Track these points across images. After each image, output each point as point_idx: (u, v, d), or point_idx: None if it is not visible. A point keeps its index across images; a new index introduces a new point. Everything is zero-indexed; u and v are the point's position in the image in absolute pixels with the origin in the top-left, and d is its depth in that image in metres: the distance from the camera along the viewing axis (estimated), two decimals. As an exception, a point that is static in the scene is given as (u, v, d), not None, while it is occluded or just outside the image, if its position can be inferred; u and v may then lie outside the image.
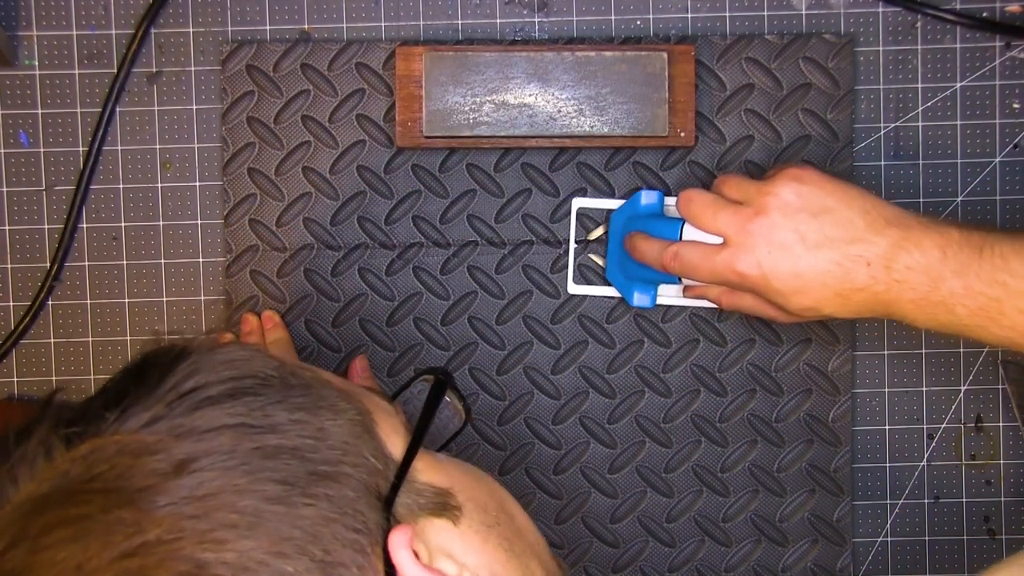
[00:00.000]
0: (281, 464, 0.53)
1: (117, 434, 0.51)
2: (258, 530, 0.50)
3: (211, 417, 0.53)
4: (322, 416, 0.56)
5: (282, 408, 0.55)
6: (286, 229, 0.96)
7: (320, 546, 0.52)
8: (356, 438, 0.57)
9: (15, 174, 0.96)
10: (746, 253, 0.79)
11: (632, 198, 0.93)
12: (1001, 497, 0.97)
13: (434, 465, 0.62)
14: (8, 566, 0.49)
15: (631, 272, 0.92)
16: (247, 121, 0.95)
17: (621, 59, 0.94)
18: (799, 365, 0.96)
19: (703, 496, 0.96)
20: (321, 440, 0.55)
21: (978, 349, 0.97)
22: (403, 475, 0.58)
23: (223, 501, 0.50)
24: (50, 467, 0.50)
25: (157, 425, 0.52)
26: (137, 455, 0.50)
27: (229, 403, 0.53)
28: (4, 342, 0.96)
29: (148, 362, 0.56)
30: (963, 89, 0.97)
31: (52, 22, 0.96)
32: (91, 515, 0.49)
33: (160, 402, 0.53)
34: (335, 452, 0.55)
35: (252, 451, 0.52)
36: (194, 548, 0.49)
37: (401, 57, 0.94)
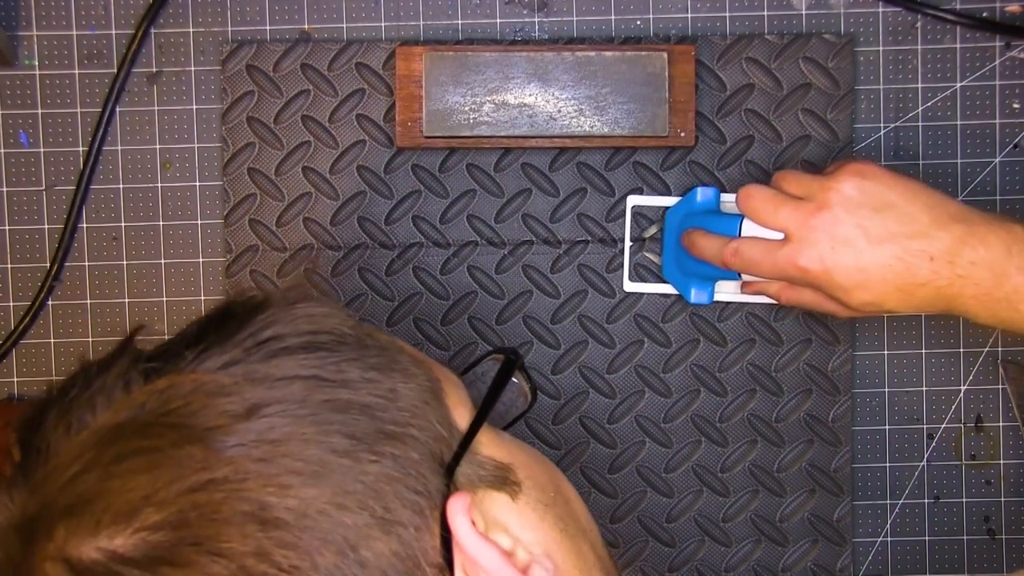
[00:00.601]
0: (350, 419, 0.53)
1: (194, 373, 0.52)
2: (322, 480, 0.51)
3: (285, 366, 0.54)
4: (394, 378, 0.57)
5: (356, 366, 0.56)
6: (286, 229, 0.96)
7: (381, 503, 0.53)
8: (425, 403, 0.57)
9: (15, 174, 0.96)
10: (808, 248, 0.80)
11: (687, 195, 0.93)
12: (1001, 497, 0.97)
13: (497, 441, 0.62)
14: (81, 488, 0.50)
15: (688, 269, 0.92)
16: (247, 121, 0.95)
17: (621, 59, 0.94)
18: (799, 365, 0.96)
19: (703, 496, 0.96)
20: (391, 400, 0.56)
21: (978, 349, 0.97)
22: (467, 445, 0.59)
23: (290, 448, 0.51)
24: (127, 399, 0.52)
25: (233, 368, 0.53)
26: (211, 395, 0.51)
27: (304, 355, 0.54)
28: (4, 342, 0.96)
29: (229, 310, 0.57)
30: (963, 89, 0.97)
31: (52, 22, 0.96)
32: (162, 448, 0.50)
33: (238, 347, 0.54)
34: (404, 414, 0.56)
35: (323, 403, 0.53)
36: (259, 490, 0.50)
37: (401, 57, 0.94)
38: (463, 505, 0.55)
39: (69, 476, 0.51)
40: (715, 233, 0.87)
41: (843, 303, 0.81)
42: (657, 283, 0.96)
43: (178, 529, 0.49)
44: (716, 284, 0.93)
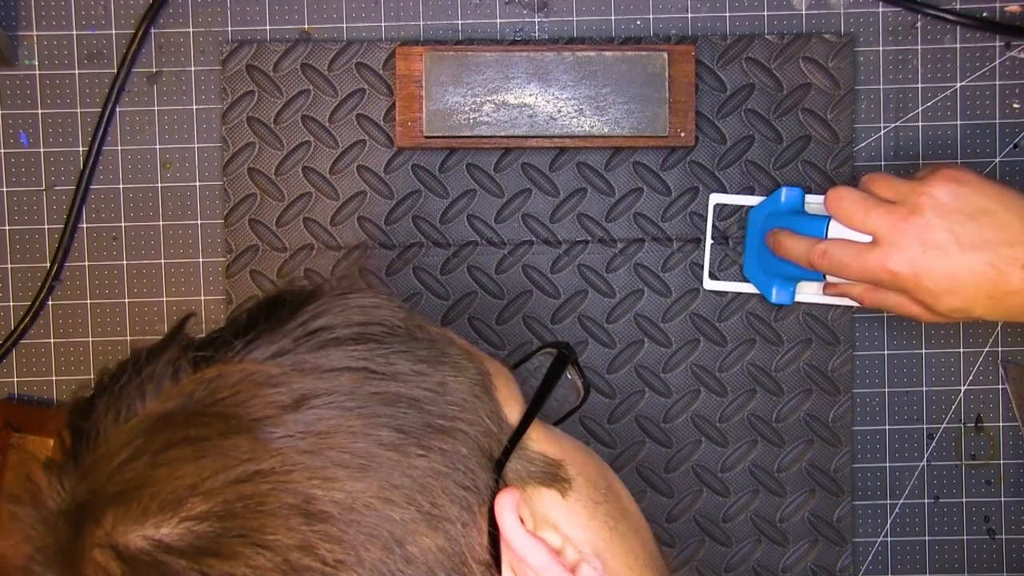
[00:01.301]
0: (399, 412, 0.53)
1: (242, 362, 0.52)
2: (369, 473, 0.51)
3: (335, 357, 0.53)
4: (444, 371, 0.56)
5: (406, 358, 0.55)
6: (286, 229, 0.96)
7: (428, 498, 0.52)
8: (475, 397, 0.57)
9: (15, 174, 0.96)
10: (899, 252, 0.80)
11: (772, 195, 0.93)
12: (1001, 497, 0.97)
13: (548, 436, 0.61)
14: (129, 475, 0.50)
15: (771, 268, 0.92)
16: (247, 121, 0.95)
17: (621, 59, 0.94)
18: (799, 365, 0.96)
19: (703, 496, 0.96)
20: (440, 394, 0.55)
21: (978, 349, 0.97)
22: (517, 440, 0.58)
23: (337, 441, 0.51)
24: (176, 387, 0.52)
25: (281, 358, 0.53)
26: (259, 385, 0.51)
27: (353, 346, 0.54)
28: (4, 342, 0.96)
29: (280, 299, 0.57)
30: (963, 89, 0.97)
31: (52, 22, 0.96)
32: (210, 438, 0.50)
33: (287, 337, 0.54)
34: (453, 408, 0.55)
35: (371, 395, 0.53)
36: (305, 482, 0.50)
37: (401, 57, 0.94)
38: (512, 502, 0.55)
39: (118, 463, 0.51)
40: (801, 234, 0.87)
41: (930, 308, 0.81)
42: (737, 282, 0.96)
43: (224, 520, 0.49)
44: (798, 285, 0.93)
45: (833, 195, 0.84)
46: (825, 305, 0.96)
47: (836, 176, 0.95)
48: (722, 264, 0.96)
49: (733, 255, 0.96)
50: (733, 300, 0.96)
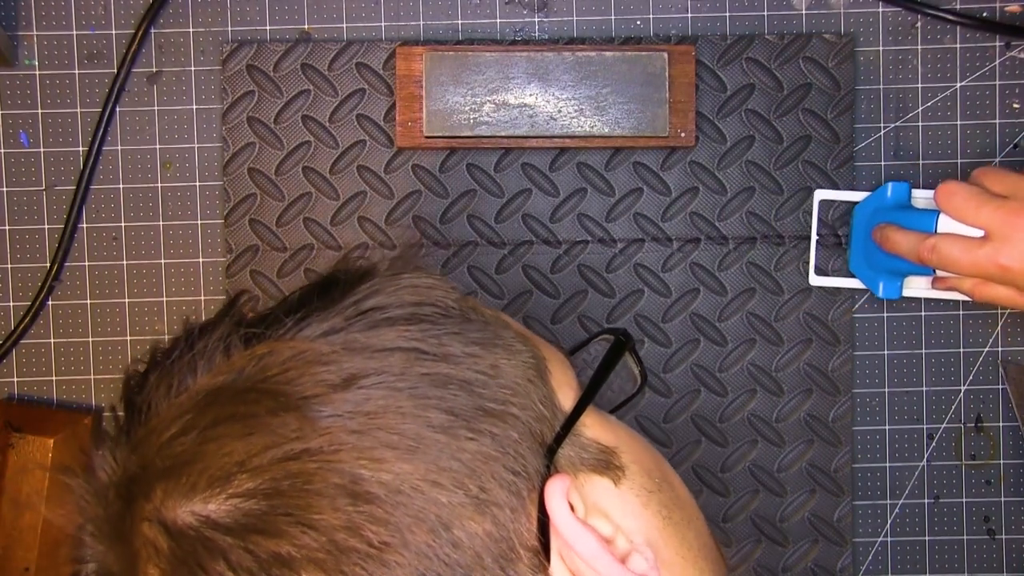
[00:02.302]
0: (449, 394, 0.52)
1: (293, 340, 0.52)
2: (418, 455, 0.50)
3: (386, 337, 0.53)
4: (496, 353, 0.55)
5: (458, 340, 0.55)
6: (286, 229, 0.96)
7: (477, 482, 0.51)
8: (528, 381, 0.56)
9: (15, 174, 0.96)
10: (1011, 247, 0.80)
11: (878, 190, 0.94)
12: (1001, 497, 0.97)
13: (602, 423, 0.60)
14: (178, 450, 0.50)
15: (878, 263, 0.93)
16: (247, 121, 0.95)
17: (621, 59, 0.94)
18: (799, 365, 0.96)
19: (703, 496, 0.96)
20: (492, 377, 0.54)
21: (978, 349, 0.97)
22: (570, 426, 0.57)
23: (386, 421, 0.51)
24: (227, 363, 0.52)
25: (332, 337, 0.52)
26: (309, 363, 0.51)
27: (405, 326, 0.54)
28: (4, 342, 0.96)
29: (333, 278, 0.56)
30: (963, 89, 0.97)
31: (52, 22, 0.96)
32: (258, 415, 0.50)
33: (339, 315, 0.53)
34: (505, 391, 0.54)
35: (422, 376, 0.52)
36: (352, 463, 0.49)
37: (401, 57, 0.94)
38: (562, 488, 0.53)
39: (167, 437, 0.51)
40: (909, 229, 0.87)
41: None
42: (843, 277, 0.96)
43: (270, 498, 0.49)
44: (906, 279, 0.94)
45: (944, 190, 0.84)
46: (825, 304, 0.96)
47: (837, 176, 0.95)
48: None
49: (834, 252, 0.96)
50: (733, 300, 0.96)
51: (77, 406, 0.97)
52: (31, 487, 0.93)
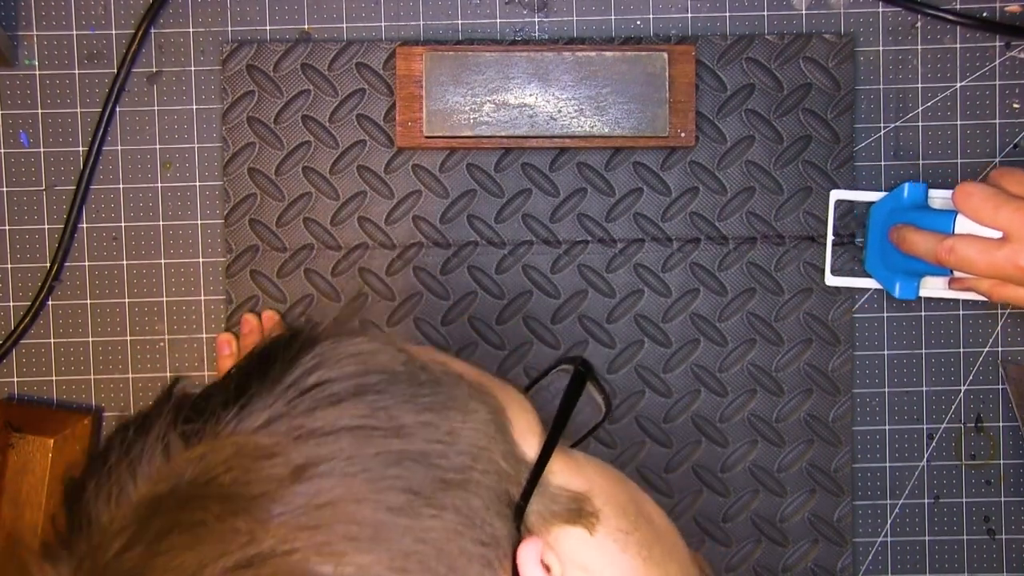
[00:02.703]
0: (406, 471, 0.49)
1: (234, 434, 0.49)
2: (379, 543, 0.48)
3: (333, 418, 0.50)
4: (452, 417, 0.52)
5: (409, 409, 0.51)
6: (286, 229, 0.96)
7: (445, 562, 0.48)
8: (488, 439, 0.53)
9: (15, 174, 0.96)
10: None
11: (895, 190, 0.93)
12: (1001, 497, 0.97)
13: (570, 465, 0.57)
14: (127, 565, 0.48)
15: (894, 264, 0.92)
16: (247, 121, 0.95)
17: (621, 59, 0.94)
18: (799, 365, 0.96)
19: (703, 496, 0.96)
20: (450, 444, 0.51)
21: (978, 349, 0.97)
22: (537, 478, 0.54)
23: (342, 511, 0.47)
24: (168, 467, 0.49)
25: (275, 425, 0.49)
26: (254, 458, 0.48)
27: (352, 402, 0.50)
28: (4, 342, 0.96)
29: (272, 352, 0.53)
30: (963, 89, 0.97)
31: (52, 22, 0.96)
32: (206, 522, 0.47)
33: (280, 399, 0.50)
34: (464, 457, 0.51)
35: (375, 456, 0.49)
36: (310, 560, 0.46)
37: (401, 57, 0.94)
38: (535, 553, 0.51)
39: (114, 552, 0.48)
40: (926, 229, 0.87)
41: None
42: (860, 277, 0.96)
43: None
44: (922, 280, 0.94)
45: (962, 191, 0.84)
46: (825, 304, 0.96)
47: (836, 176, 0.95)
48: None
49: (851, 252, 0.96)
50: (733, 300, 0.96)
51: (77, 406, 0.97)
52: (31, 487, 0.93)
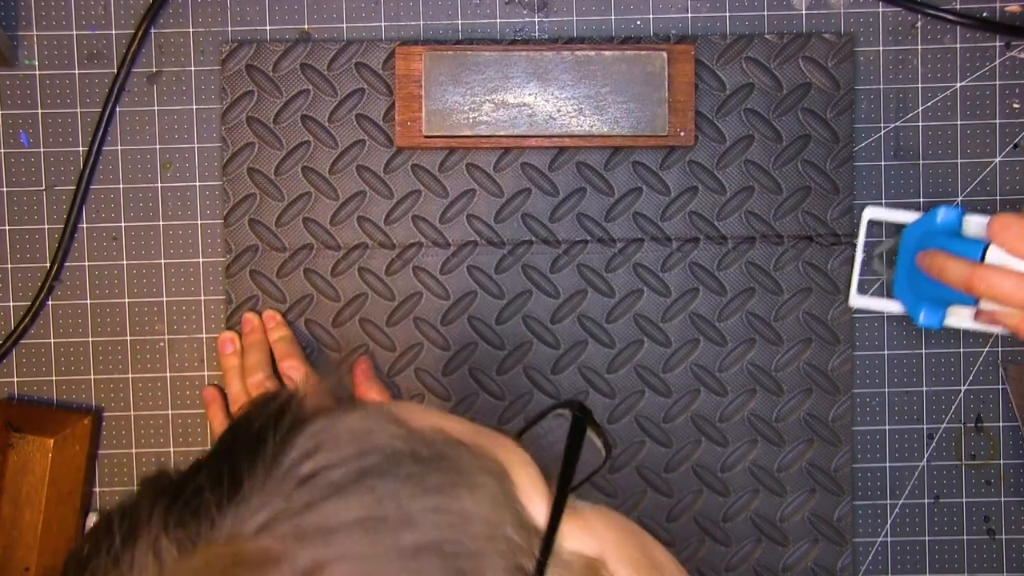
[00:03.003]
0: (419, 564, 0.46)
1: (233, 540, 0.45)
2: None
3: (337, 511, 0.46)
4: (460, 496, 0.49)
5: (416, 495, 0.48)
6: (286, 229, 0.96)
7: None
8: (498, 512, 0.49)
9: (15, 174, 0.96)
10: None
11: (928, 213, 0.91)
12: (1001, 497, 0.97)
13: (579, 524, 0.54)
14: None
15: (922, 290, 0.91)
16: (247, 121, 0.96)
17: (620, 59, 0.94)
18: (799, 365, 0.96)
19: (703, 496, 0.96)
20: (462, 529, 0.48)
21: (978, 349, 0.97)
22: (549, 548, 0.51)
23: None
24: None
25: (276, 526, 0.45)
26: (256, 565, 0.44)
27: (355, 490, 0.47)
28: (4, 342, 0.96)
29: (261, 430, 0.49)
30: (963, 89, 0.97)
31: (52, 22, 0.96)
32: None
33: (278, 493, 0.46)
34: (478, 541, 0.48)
35: (388, 551, 0.46)
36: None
37: (401, 57, 0.94)
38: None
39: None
40: (959, 256, 0.85)
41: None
42: (885, 299, 0.95)
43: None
44: (948, 308, 0.91)
45: (998, 223, 0.82)
46: (825, 303, 0.95)
47: (836, 176, 0.95)
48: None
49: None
50: (733, 300, 0.96)
51: (77, 406, 0.97)
52: (31, 487, 0.93)
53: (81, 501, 0.95)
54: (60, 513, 0.94)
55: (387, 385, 0.96)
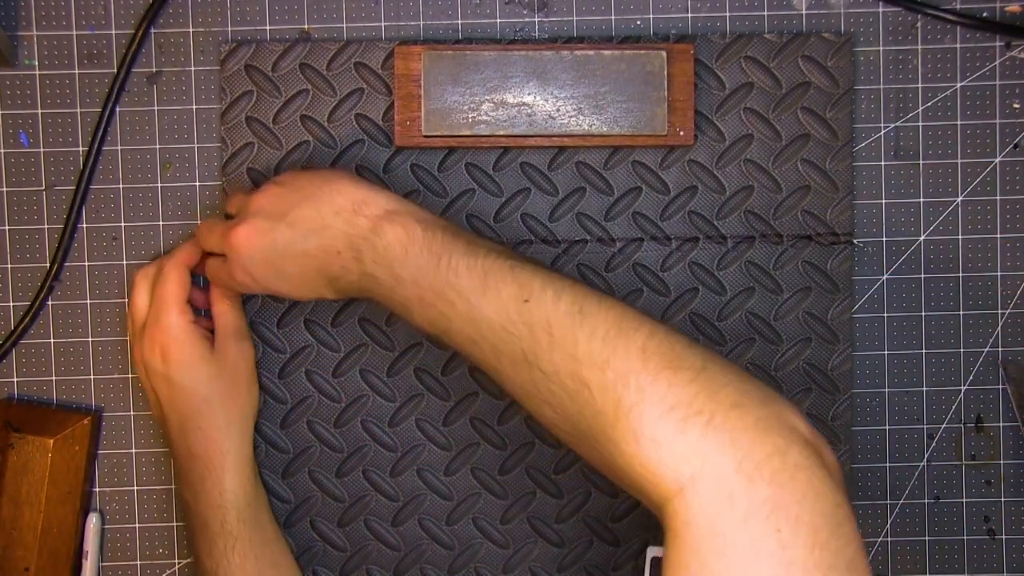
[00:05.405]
0: None
1: None
2: None
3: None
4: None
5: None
6: (285, 229, 0.96)
7: None
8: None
9: (15, 174, 0.96)
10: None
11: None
12: (1001, 497, 0.97)
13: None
14: None
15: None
16: (246, 121, 0.96)
17: (620, 58, 0.94)
18: (799, 364, 0.96)
19: (703, 496, 0.96)
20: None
21: (978, 349, 0.97)
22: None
23: None
24: None
25: None
26: None
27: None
28: (4, 342, 0.96)
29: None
30: (963, 89, 0.97)
31: (52, 22, 0.96)
32: None
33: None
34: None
35: None
36: None
37: (400, 56, 0.94)
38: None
39: None
40: None
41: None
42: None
43: None
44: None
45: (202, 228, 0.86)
46: (824, 303, 0.95)
47: (835, 175, 0.95)
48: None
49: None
50: (732, 299, 0.96)
51: (77, 406, 0.97)
52: (31, 487, 0.93)
53: (81, 501, 0.95)
54: (60, 513, 0.94)
55: (384, 384, 0.96)
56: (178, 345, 0.88)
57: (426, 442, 0.96)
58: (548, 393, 0.71)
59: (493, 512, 0.96)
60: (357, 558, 0.97)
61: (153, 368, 0.89)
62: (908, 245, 0.97)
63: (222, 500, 0.88)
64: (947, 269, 0.97)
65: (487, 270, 0.74)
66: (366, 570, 0.97)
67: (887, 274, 0.97)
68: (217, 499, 0.88)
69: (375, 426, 0.96)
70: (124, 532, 0.97)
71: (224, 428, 0.89)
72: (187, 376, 0.88)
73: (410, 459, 0.96)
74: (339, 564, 0.97)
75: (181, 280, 0.90)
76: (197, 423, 0.88)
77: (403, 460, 0.96)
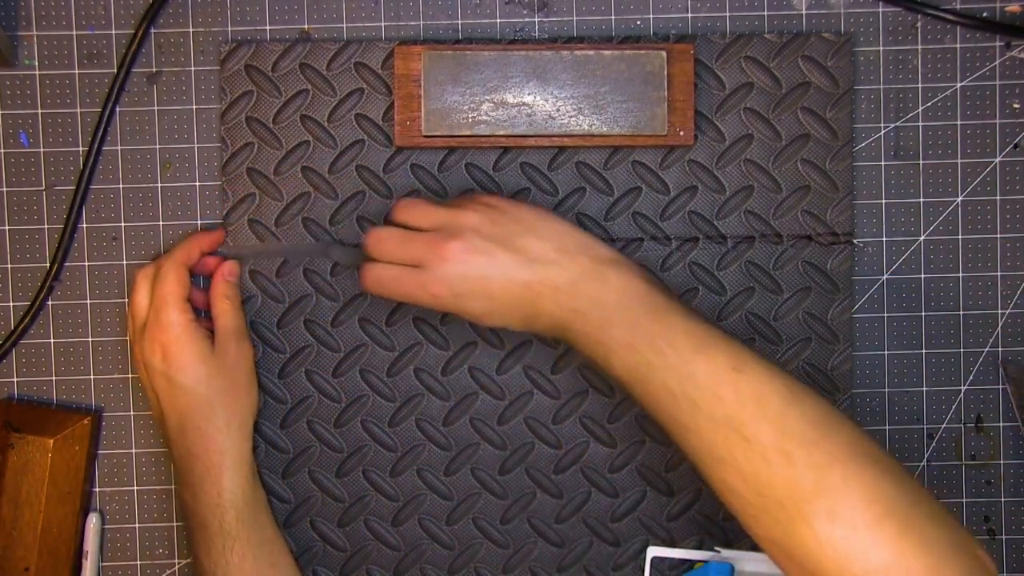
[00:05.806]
0: None
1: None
2: None
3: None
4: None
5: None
6: (285, 229, 0.96)
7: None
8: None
9: (15, 174, 0.96)
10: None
11: (702, 568, 0.95)
12: (1001, 497, 0.97)
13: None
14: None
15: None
16: (246, 121, 0.96)
17: (620, 58, 0.94)
18: (799, 364, 0.96)
19: (703, 495, 0.96)
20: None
21: (978, 349, 0.97)
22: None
23: None
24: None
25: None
26: None
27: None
28: (4, 342, 0.96)
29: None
30: (963, 89, 0.97)
31: (52, 22, 0.96)
32: None
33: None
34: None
35: None
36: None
37: (400, 56, 0.94)
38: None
39: None
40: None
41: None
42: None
43: None
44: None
45: (372, 237, 0.86)
46: (824, 303, 0.95)
47: (835, 175, 0.95)
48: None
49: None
50: (732, 299, 0.96)
51: (77, 406, 0.97)
52: (31, 487, 0.93)
53: (81, 501, 0.95)
54: (60, 513, 0.94)
55: (381, 382, 0.96)
56: (178, 344, 0.88)
57: (426, 442, 0.96)
58: (744, 459, 0.74)
59: (493, 512, 0.96)
60: (357, 558, 0.97)
61: (153, 367, 0.89)
62: (908, 245, 0.97)
63: (220, 500, 0.88)
64: (947, 269, 0.97)
65: (706, 334, 0.78)
66: (366, 570, 0.97)
67: (887, 274, 0.97)
68: (216, 499, 0.88)
69: (375, 426, 0.96)
70: (124, 532, 0.97)
71: (223, 428, 0.89)
72: (187, 375, 0.88)
73: (410, 459, 0.96)
74: (339, 564, 0.97)
75: (181, 279, 0.90)
76: (196, 422, 0.88)
77: (403, 460, 0.96)
